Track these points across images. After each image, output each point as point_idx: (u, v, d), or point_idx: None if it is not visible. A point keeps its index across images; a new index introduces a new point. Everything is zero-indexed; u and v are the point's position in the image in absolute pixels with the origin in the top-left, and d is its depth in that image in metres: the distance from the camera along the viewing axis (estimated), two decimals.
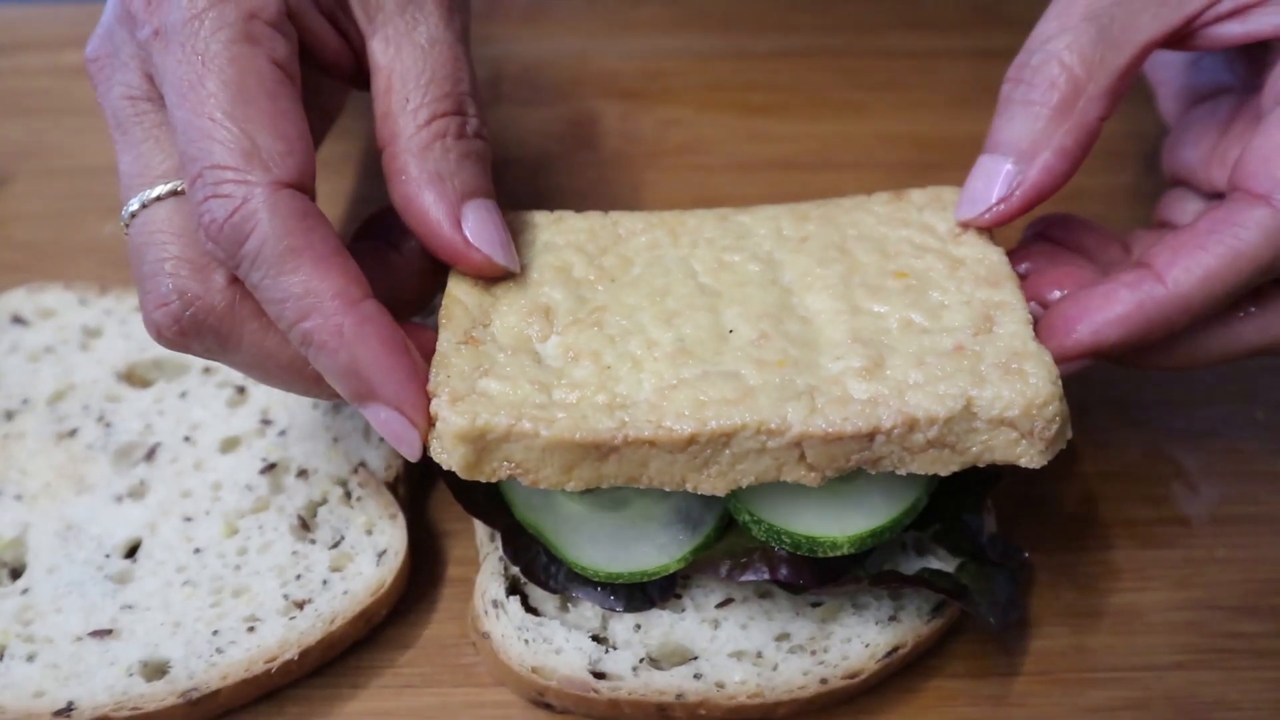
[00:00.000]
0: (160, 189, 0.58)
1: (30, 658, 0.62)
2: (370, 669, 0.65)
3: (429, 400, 0.57)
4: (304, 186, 0.57)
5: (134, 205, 0.58)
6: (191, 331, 0.57)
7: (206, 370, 0.74)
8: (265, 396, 0.73)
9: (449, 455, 0.57)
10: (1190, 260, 0.58)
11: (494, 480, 0.58)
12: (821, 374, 0.58)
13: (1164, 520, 0.71)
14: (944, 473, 0.58)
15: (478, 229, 0.61)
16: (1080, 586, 0.68)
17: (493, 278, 0.63)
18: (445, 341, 0.60)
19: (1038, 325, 0.60)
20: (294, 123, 0.57)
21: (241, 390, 0.73)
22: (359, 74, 0.65)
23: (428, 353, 0.59)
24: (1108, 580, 0.68)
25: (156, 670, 0.62)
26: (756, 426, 0.56)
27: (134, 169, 0.59)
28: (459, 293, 0.62)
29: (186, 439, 0.71)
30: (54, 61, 0.98)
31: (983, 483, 0.65)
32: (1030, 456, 0.57)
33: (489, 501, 0.65)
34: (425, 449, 0.57)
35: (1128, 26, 0.60)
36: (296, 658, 0.62)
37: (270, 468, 0.70)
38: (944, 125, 0.92)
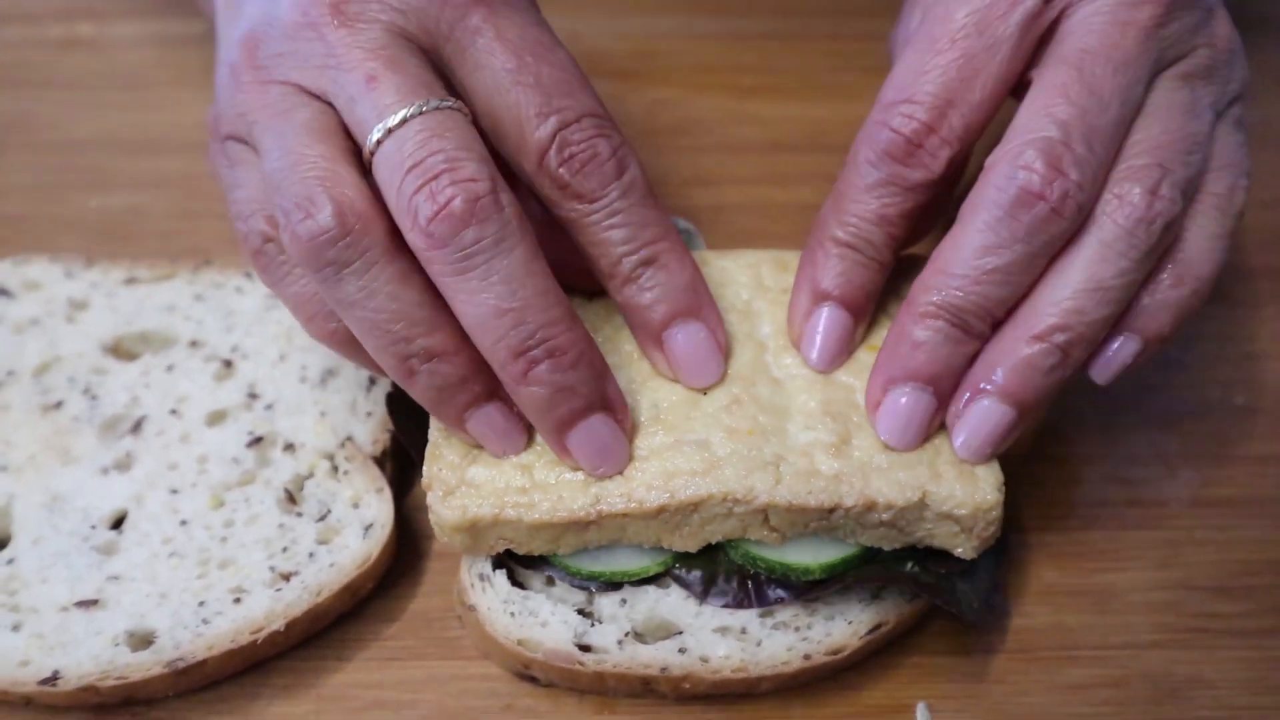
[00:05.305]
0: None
1: (16, 627, 0.62)
2: (356, 641, 0.65)
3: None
4: None
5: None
6: (476, 217, 0.55)
7: (193, 344, 0.74)
8: (252, 371, 0.73)
9: (448, 540, 0.61)
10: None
11: (494, 554, 0.62)
12: (789, 443, 0.60)
13: (1143, 502, 0.71)
14: (887, 547, 0.61)
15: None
16: (1060, 566, 0.69)
17: None
18: (435, 431, 0.62)
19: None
20: None
21: (228, 364, 0.73)
22: None
23: None
24: (1087, 560, 0.69)
25: (142, 640, 0.62)
26: (723, 496, 0.58)
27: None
28: None
29: (173, 412, 0.71)
30: (39, 34, 0.97)
31: None
32: (965, 549, 0.61)
33: None
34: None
35: None
36: (282, 629, 0.62)
37: (257, 441, 0.70)
38: None
